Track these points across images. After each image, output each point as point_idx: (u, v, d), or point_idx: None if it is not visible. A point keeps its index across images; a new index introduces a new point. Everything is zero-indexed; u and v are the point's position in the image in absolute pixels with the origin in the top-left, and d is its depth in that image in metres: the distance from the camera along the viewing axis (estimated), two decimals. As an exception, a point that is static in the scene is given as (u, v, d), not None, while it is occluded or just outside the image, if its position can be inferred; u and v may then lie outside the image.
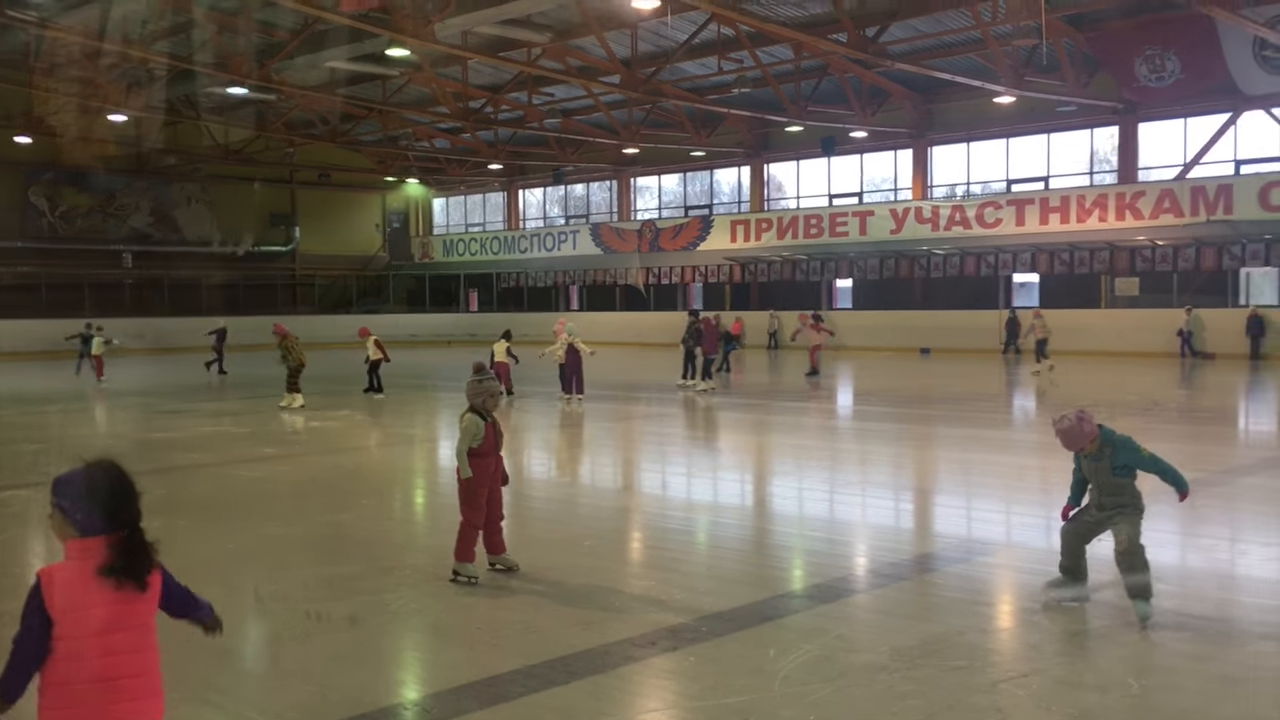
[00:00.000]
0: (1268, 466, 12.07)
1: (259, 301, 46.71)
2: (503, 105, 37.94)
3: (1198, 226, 31.25)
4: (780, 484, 11.72)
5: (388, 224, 55.10)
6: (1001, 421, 18.10)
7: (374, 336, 21.45)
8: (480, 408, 7.08)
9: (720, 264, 42.01)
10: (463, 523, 7.08)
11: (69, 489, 3.12)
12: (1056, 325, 33.39)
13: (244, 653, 5.91)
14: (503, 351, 19.83)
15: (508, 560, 7.24)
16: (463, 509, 7.09)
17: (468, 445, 6.98)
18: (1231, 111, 31.59)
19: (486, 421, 7.07)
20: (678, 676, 5.31)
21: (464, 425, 7.04)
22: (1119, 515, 6.15)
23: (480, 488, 7.02)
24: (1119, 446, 6.20)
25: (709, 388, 21.39)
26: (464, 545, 7.05)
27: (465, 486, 7.03)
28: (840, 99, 34.91)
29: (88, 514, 3.10)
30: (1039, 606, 6.36)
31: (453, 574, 7.03)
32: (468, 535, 7.06)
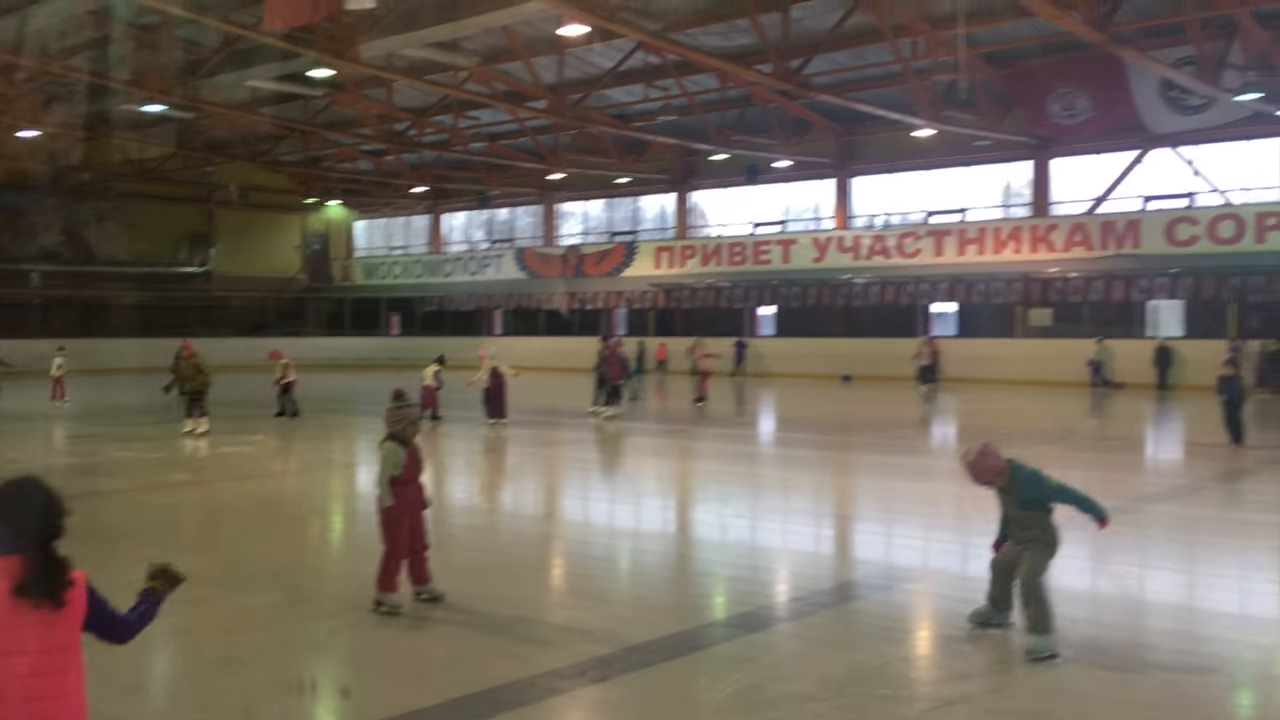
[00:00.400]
0: (1177, 494, 12.37)
1: (173, 323, 45.58)
2: (427, 128, 37.68)
3: (1107, 260, 32.12)
4: (703, 511, 11.71)
5: (308, 246, 54.29)
6: (920, 449, 18.33)
7: (285, 359, 21.11)
8: (400, 434, 6.96)
9: (645, 290, 42.10)
10: (385, 552, 6.93)
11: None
12: (973, 354, 34.08)
13: (153, 689, 5.71)
14: (431, 375, 19.63)
15: (433, 590, 7.11)
16: (384, 538, 6.95)
17: (389, 473, 6.84)
18: (1140, 149, 32.58)
19: (407, 448, 6.94)
20: (607, 708, 5.25)
21: (383, 453, 6.91)
22: (1028, 549, 6.20)
23: (402, 516, 6.89)
24: (1023, 481, 6.24)
25: (616, 414, 21.33)
26: (386, 575, 6.90)
27: (387, 515, 6.89)
28: (764, 128, 35.29)
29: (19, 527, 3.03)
30: (963, 634, 6.41)
31: (375, 604, 6.88)
32: (390, 565, 6.92)
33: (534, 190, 46.20)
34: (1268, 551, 9.42)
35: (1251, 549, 9.43)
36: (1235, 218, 30.43)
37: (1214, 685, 5.68)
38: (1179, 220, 31.30)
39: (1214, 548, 9.52)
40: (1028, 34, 27.95)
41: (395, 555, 6.92)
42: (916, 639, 6.53)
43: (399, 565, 6.95)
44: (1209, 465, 15.31)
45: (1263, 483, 13.46)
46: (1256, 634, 6.73)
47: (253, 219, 50.90)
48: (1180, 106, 29.28)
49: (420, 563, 7.09)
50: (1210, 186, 31.91)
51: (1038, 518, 6.23)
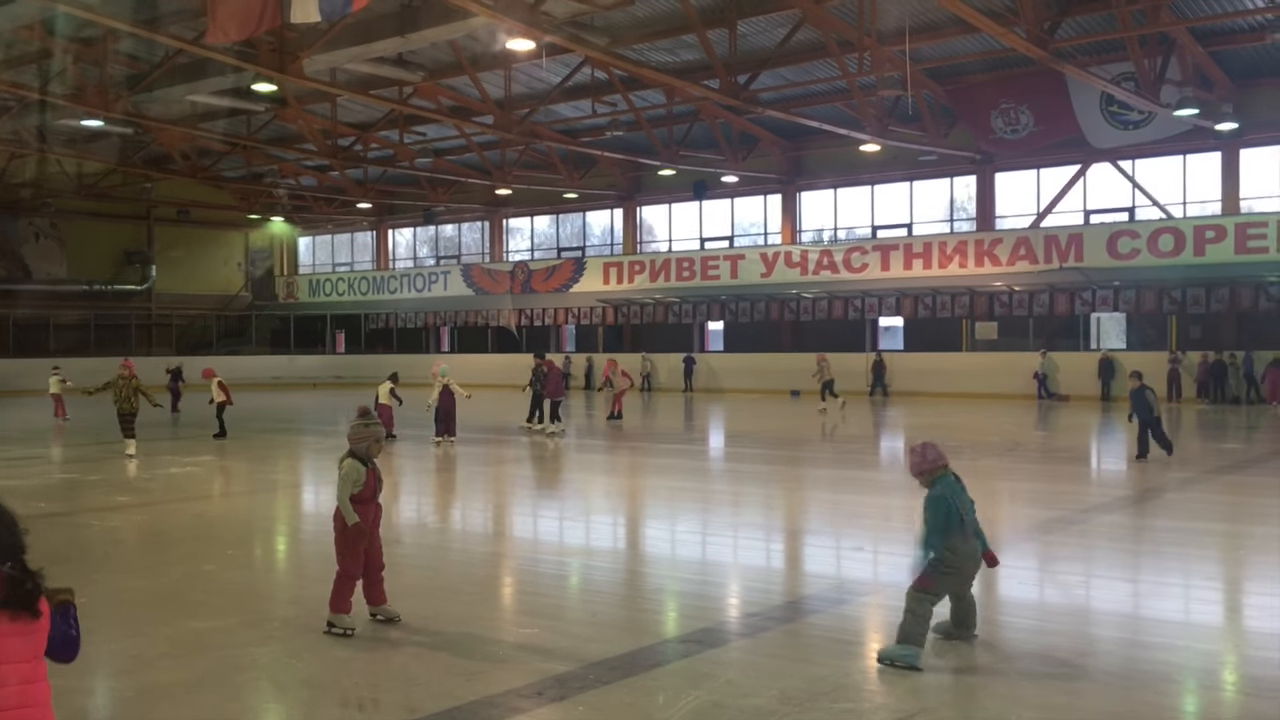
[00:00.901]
0: (1122, 504, 12.51)
1: (112, 342, 44.80)
2: (372, 143, 37.43)
3: (1051, 273, 32.61)
4: (655, 527, 11.64)
5: (250, 263, 53.63)
6: (869, 463, 18.41)
7: (218, 378, 20.76)
8: (362, 453, 6.82)
9: (593, 306, 42.06)
10: (339, 573, 6.79)
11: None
12: (920, 368, 34.44)
13: (99, 716, 5.52)
14: (386, 394, 19.35)
15: (389, 611, 6.96)
16: (340, 559, 6.80)
17: (349, 491, 6.70)
18: (1081, 164, 33.17)
19: (367, 467, 6.81)
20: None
21: (344, 471, 6.76)
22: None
23: (360, 537, 6.75)
24: (933, 497, 6.34)
25: (557, 430, 21.19)
26: (339, 596, 6.76)
27: (345, 535, 6.74)
28: (711, 144, 35.46)
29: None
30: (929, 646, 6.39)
31: (327, 625, 6.72)
32: (344, 586, 6.77)
33: (481, 206, 46.03)
34: (1210, 560, 9.55)
35: (1195, 557, 9.55)
36: (1175, 231, 31.05)
37: (1163, 692, 5.72)
38: (1120, 234, 31.88)
39: (1158, 556, 9.63)
40: (971, 50, 28.41)
41: (350, 575, 6.79)
42: (873, 652, 6.49)
43: (352, 586, 6.81)
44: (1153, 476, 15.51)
45: (1206, 492, 13.66)
46: (1202, 641, 6.80)
47: (194, 235, 50.21)
48: (1120, 121, 29.87)
49: (376, 583, 6.95)
50: (1150, 200, 32.52)
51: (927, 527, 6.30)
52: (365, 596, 6.91)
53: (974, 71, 30.87)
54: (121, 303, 47.56)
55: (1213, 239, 30.39)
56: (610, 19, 25.20)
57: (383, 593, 6.98)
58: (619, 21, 25.68)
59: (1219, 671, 6.25)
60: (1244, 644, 6.78)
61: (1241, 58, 28.72)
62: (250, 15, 15.94)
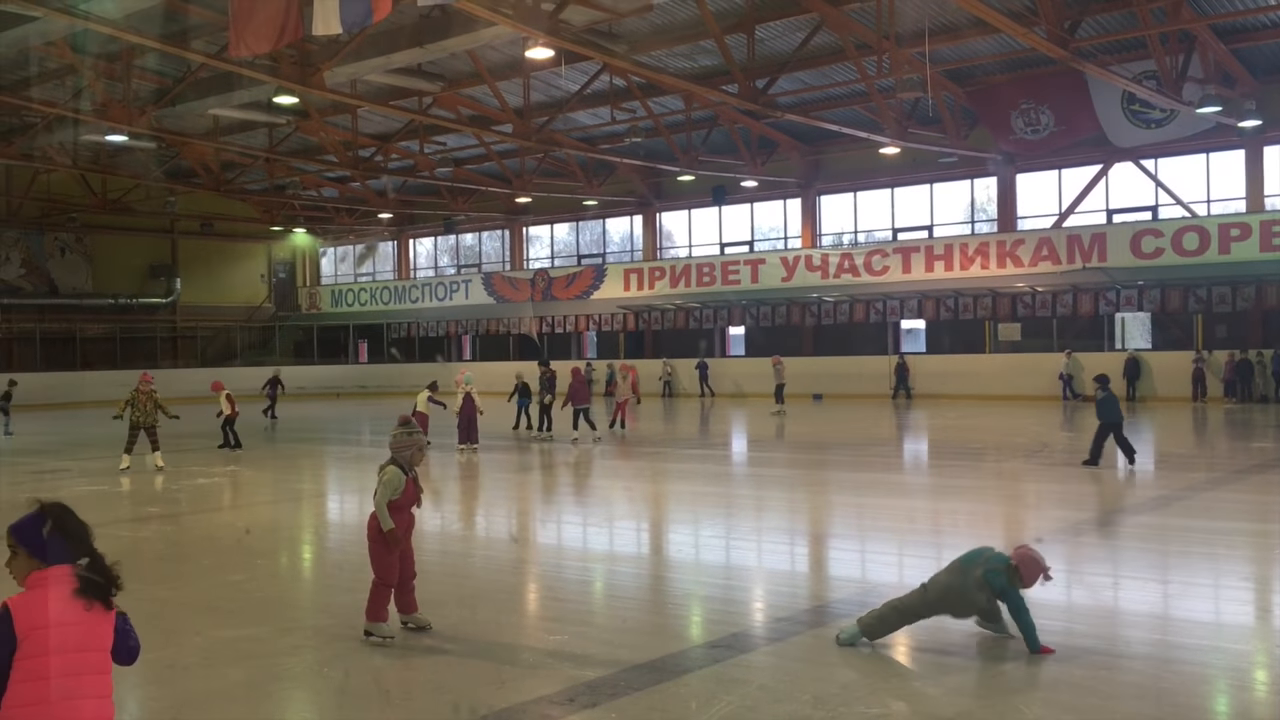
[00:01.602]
0: (1150, 505, 12.42)
1: (138, 355, 45.15)
2: (393, 154, 37.61)
3: (1074, 273, 32.42)
4: (681, 532, 11.64)
5: (274, 274, 53.96)
6: (894, 466, 18.35)
7: (226, 391, 20.77)
8: (403, 461, 6.85)
9: (614, 312, 42.09)
10: (375, 581, 6.80)
11: (28, 530, 3.36)
12: (943, 370, 34.31)
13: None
14: (424, 401, 19.53)
15: (420, 619, 6.99)
16: (375, 566, 6.82)
17: (388, 498, 6.72)
18: (1103, 163, 32.98)
19: (407, 475, 6.83)
20: (598, 734, 5.16)
21: (385, 478, 6.78)
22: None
23: (395, 543, 6.77)
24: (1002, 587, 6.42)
25: (594, 438, 21.19)
26: (376, 604, 6.77)
27: (379, 542, 6.76)
28: (730, 149, 35.45)
29: (53, 545, 3.34)
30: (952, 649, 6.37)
31: (365, 634, 6.74)
32: (380, 594, 6.79)
33: (501, 215, 46.16)
34: (1240, 560, 9.48)
35: (1224, 557, 9.48)
36: (1199, 230, 30.82)
37: (1196, 693, 5.71)
38: (1144, 233, 31.67)
39: (1187, 557, 9.56)
40: (991, 50, 28.32)
41: (386, 583, 6.80)
42: (904, 656, 6.47)
43: (388, 594, 6.82)
44: (1181, 476, 15.42)
45: (1234, 492, 13.55)
46: (1233, 641, 6.75)
47: (217, 248, 50.54)
48: (1142, 120, 29.70)
49: (408, 591, 6.98)
50: (1174, 199, 32.32)
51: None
52: (396, 605, 6.94)
53: (993, 72, 30.77)
54: (147, 316, 47.92)
55: (1237, 237, 30.16)
56: (628, 26, 25.26)
57: (414, 601, 7.01)
58: (637, 28, 25.73)
59: (1251, 671, 6.21)
60: (1276, 643, 6.73)
61: (1264, 54, 28.51)
62: (272, 28, 16.05)
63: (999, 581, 6.29)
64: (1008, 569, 6.35)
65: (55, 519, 3.39)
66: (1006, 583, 6.31)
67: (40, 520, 3.38)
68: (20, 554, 3.37)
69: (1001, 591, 6.31)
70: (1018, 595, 6.31)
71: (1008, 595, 6.31)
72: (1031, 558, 6.42)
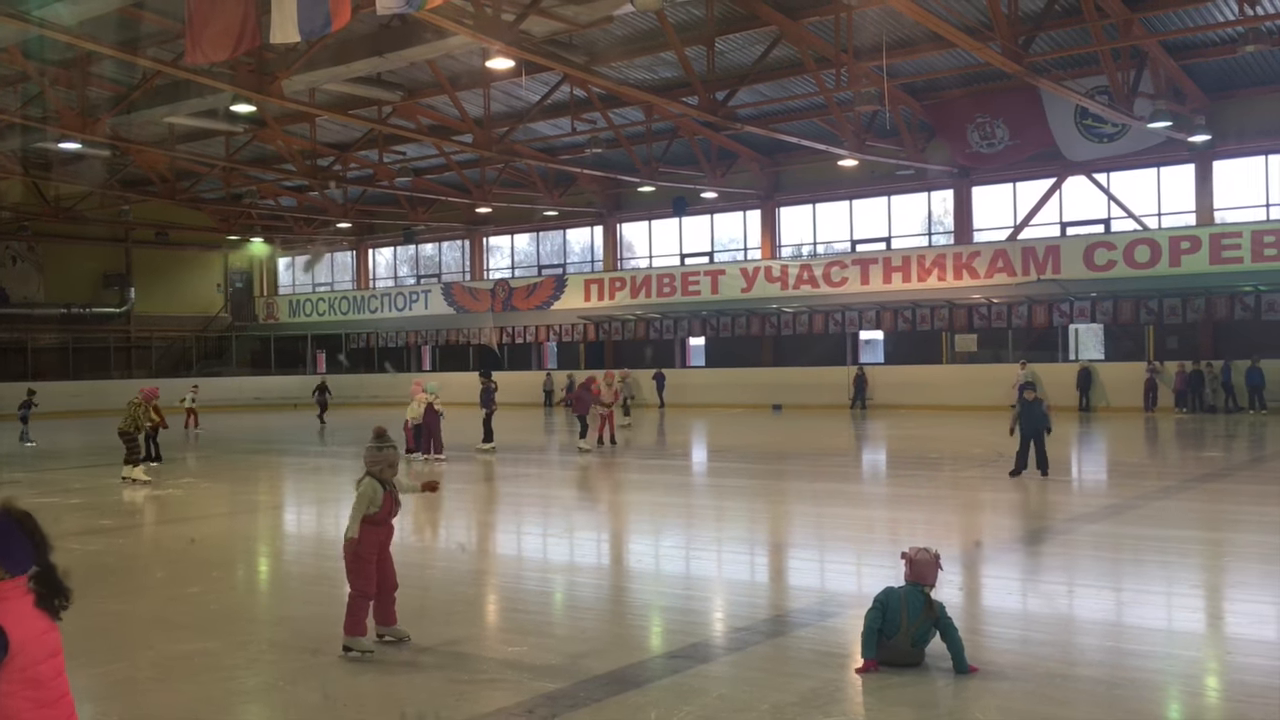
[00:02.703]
0: (1104, 514, 12.58)
1: (91, 365, 44.55)
2: (352, 163, 37.39)
3: (1029, 285, 32.82)
4: (640, 543, 11.64)
5: (230, 284, 53.42)
6: (853, 476, 18.47)
7: (155, 401, 20.11)
8: (377, 474, 6.79)
9: (575, 323, 42.07)
10: (352, 594, 6.72)
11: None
12: (901, 381, 34.57)
13: (86, 741, 5.48)
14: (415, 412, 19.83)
15: (398, 632, 6.93)
16: (351, 579, 6.74)
17: (363, 511, 6.67)
18: (1057, 176, 33.43)
19: (386, 489, 6.78)
20: (557, 746, 5.15)
21: (361, 490, 6.73)
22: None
23: (371, 556, 6.71)
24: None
25: (589, 448, 21.14)
26: (354, 618, 6.69)
27: (355, 555, 6.69)
28: (691, 160, 35.59)
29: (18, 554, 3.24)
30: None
31: (344, 649, 6.65)
32: (358, 606, 6.71)
33: (461, 225, 46.02)
34: (1192, 567, 9.63)
35: (1177, 565, 9.62)
36: (1150, 242, 31.31)
37: (1149, 699, 5.79)
38: (1096, 245, 32.12)
39: (1140, 565, 9.69)
40: (947, 65, 28.67)
41: (364, 596, 6.73)
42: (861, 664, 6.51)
43: (367, 607, 6.75)
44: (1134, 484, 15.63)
45: (1186, 500, 13.76)
46: (1185, 648, 6.87)
47: (173, 257, 49.97)
48: (1095, 134, 30.17)
49: (389, 603, 6.91)
50: (1126, 212, 32.81)
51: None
52: (375, 617, 6.87)
53: (950, 87, 31.14)
54: (100, 325, 47.27)
55: (1188, 249, 30.66)
56: (589, 37, 25.29)
57: (393, 613, 6.95)
58: (598, 40, 25.78)
59: (1203, 677, 6.31)
60: (1227, 650, 6.83)
61: (1213, 70, 29.04)
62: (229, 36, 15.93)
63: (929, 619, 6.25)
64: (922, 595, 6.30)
65: (22, 525, 3.28)
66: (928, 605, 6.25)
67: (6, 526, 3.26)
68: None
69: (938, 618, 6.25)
70: (947, 616, 6.29)
71: (941, 619, 6.25)
72: (923, 559, 6.39)
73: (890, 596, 6.32)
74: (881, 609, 6.23)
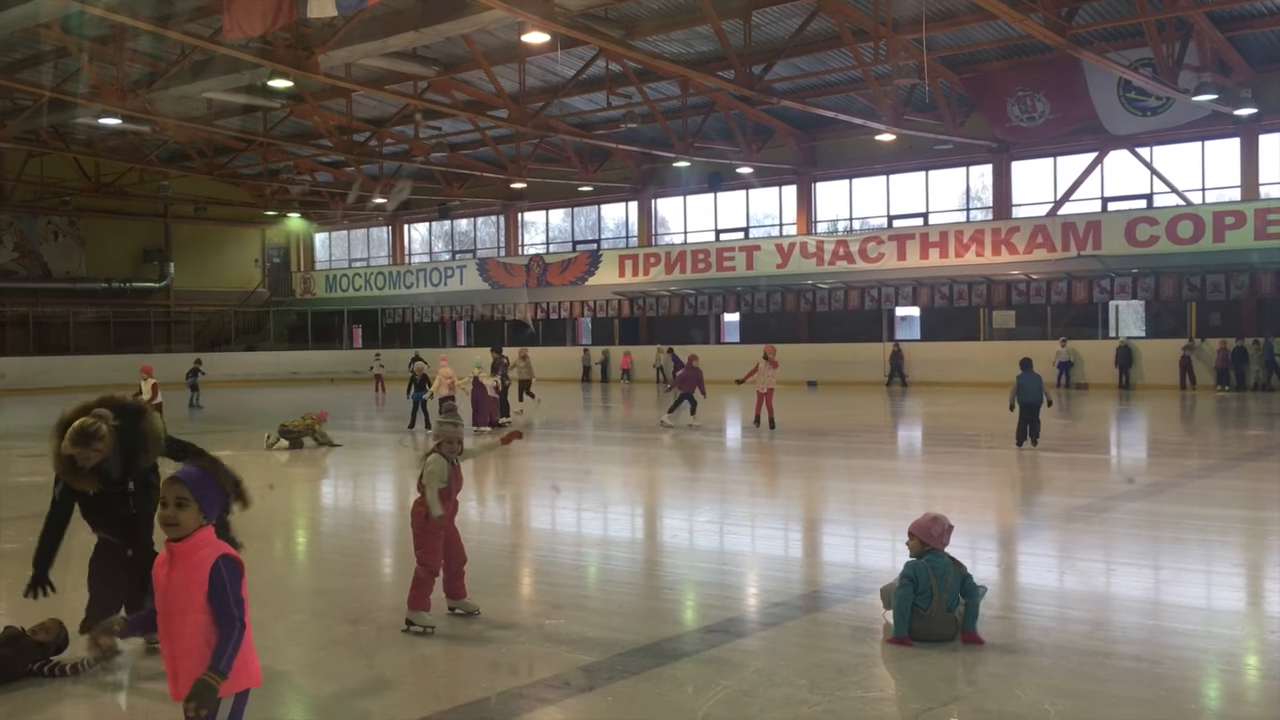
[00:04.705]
0: (1143, 492, 12.46)
1: (131, 339, 45.11)
2: (387, 139, 37.50)
3: (1069, 261, 32.45)
4: (676, 518, 11.65)
5: (268, 259, 53.86)
6: (889, 452, 18.39)
7: (153, 379, 19.94)
8: (444, 450, 6.81)
9: (609, 299, 42.08)
10: (418, 569, 6.72)
11: (204, 483, 3.64)
12: (938, 358, 34.33)
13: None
14: (487, 379, 20.47)
15: (469, 605, 6.95)
16: (419, 554, 6.75)
17: (436, 486, 6.68)
18: (1098, 151, 32.98)
19: (452, 465, 6.81)
20: (595, 719, 5.17)
21: (431, 469, 6.71)
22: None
23: (439, 532, 6.74)
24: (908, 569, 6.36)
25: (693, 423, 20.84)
26: (419, 592, 6.69)
27: (424, 530, 6.73)
28: (726, 135, 35.41)
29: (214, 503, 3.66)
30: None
31: (406, 624, 6.67)
32: (424, 582, 6.70)
33: (495, 200, 46.07)
34: (1232, 546, 9.52)
35: (1217, 543, 9.52)
36: (1194, 217, 30.85)
37: (1188, 677, 5.74)
38: (1139, 221, 31.69)
39: (1180, 543, 9.59)
40: (987, 37, 28.29)
41: (430, 570, 6.74)
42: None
43: (432, 582, 6.75)
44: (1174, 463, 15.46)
45: (1227, 479, 13.60)
46: (1224, 626, 6.78)
47: (211, 233, 50.43)
48: (1138, 108, 29.70)
49: (458, 576, 6.94)
50: (1169, 187, 32.34)
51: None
52: (445, 591, 6.90)
53: (990, 59, 30.73)
54: (140, 300, 47.83)
55: (1232, 225, 30.19)
56: (624, 10, 25.19)
57: (463, 587, 6.97)
58: (633, 13, 25.67)
59: (1244, 656, 6.24)
60: (1267, 628, 6.76)
61: (1260, 42, 28.50)
62: (267, 11, 15.99)
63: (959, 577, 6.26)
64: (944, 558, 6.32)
65: (215, 475, 3.71)
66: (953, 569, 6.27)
67: (205, 475, 3.67)
68: (191, 506, 3.57)
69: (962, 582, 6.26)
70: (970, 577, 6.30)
71: (967, 576, 6.29)
72: (927, 525, 6.40)
73: (917, 570, 6.29)
74: (912, 583, 6.21)
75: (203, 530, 3.57)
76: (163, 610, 3.56)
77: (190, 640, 3.48)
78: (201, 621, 3.49)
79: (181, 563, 3.53)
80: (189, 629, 3.49)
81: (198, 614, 3.49)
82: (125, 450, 5.84)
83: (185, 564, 3.52)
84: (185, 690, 3.43)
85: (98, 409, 5.84)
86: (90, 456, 5.76)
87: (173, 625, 3.52)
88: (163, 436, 6.04)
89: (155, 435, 5.97)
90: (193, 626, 3.49)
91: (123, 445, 5.84)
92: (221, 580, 3.50)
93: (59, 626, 5.98)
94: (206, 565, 3.50)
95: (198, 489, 3.58)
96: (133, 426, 5.88)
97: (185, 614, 3.49)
